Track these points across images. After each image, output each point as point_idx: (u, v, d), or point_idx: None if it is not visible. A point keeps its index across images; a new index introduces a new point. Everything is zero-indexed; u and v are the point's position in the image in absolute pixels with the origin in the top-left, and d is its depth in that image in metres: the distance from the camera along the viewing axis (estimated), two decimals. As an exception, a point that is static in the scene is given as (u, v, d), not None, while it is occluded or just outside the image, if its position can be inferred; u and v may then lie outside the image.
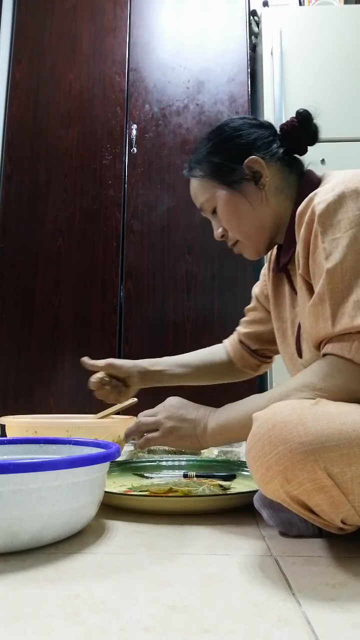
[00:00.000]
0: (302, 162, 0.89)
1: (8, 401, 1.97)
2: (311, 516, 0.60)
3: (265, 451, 0.57)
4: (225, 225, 0.88)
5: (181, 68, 2.20)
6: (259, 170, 0.83)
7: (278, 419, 0.57)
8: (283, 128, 0.86)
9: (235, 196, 0.83)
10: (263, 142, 0.84)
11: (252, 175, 0.83)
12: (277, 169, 0.84)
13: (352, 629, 0.43)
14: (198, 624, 0.43)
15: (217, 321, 2.00)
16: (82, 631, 0.42)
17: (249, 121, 0.87)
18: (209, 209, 0.89)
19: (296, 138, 0.85)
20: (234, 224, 0.86)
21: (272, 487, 0.58)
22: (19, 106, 2.19)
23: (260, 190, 0.83)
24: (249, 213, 0.84)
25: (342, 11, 2.18)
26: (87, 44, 2.23)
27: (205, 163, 0.86)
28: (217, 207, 0.87)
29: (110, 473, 1.00)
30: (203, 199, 0.88)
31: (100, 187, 2.11)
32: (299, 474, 0.55)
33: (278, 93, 2.01)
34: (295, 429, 0.55)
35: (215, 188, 0.85)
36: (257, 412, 0.63)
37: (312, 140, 0.86)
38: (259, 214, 0.84)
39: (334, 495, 0.55)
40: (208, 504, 0.81)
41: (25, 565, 0.57)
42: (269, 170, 0.83)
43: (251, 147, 0.83)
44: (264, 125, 0.87)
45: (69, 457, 0.62)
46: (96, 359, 1.10)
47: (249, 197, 0.83)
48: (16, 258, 2.07)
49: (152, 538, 0.68)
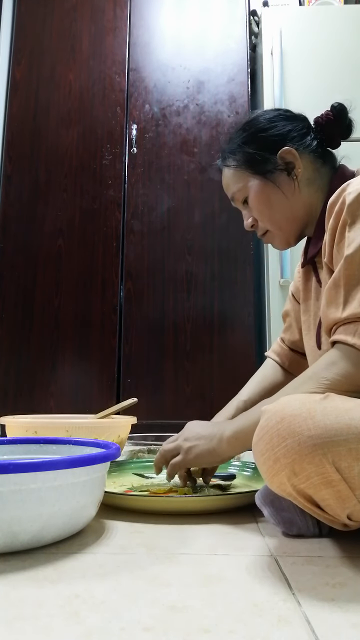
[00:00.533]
0: (335, 156, 0.90)
1: (8, 401, 1.97)
2: (317, 511, 0.60)
3: (273, 443, 0.57)
4: (256, 214, 0.89)
5: (181, 68, 2.20)
6: (292, 160, 0.84)
7: (287, 412, 0.57)
8: (318, 121, 0.88)
9: (267, 186, 0.85)
10: (297, 134, 0.86)
11: (285, 166, 0.85)
12: (310, 160, 0.86)
13: (352, 629, 0.43)
14: (198, 624, 0.43)
15: (217, 321, 2.00)
16: (82, 631, 0.42)
17: (283, 113, 0.89)
18: (240, 199, 0.90)
19: (330, 131, 0.86)
20: (265, 214, 0.87)
21: (278, 480, 0.58)
22: (19, 106, 2.19)
23: (293, 180, 0.85)
24: (281, 203, 0.85)
25: (342, 11, 2.17)
26: (87, 44, 2.23)
27: (239, 153, 0.87)
28: (248, 197, 0.88)
29: (110, 473, 1.00)
30: (235, 189, 0.89)
31: (100, 187, 2.11)
32: (307, 467, 0.55)
33: (278, 93, 2.01)
34: (304, 423, 0.55)
35: (248, 177, 0.87)
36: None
37: (346, 133, 0.87)
38: (291, 204, 0.85)
39: (341, 489, 0.55)
40: (208, 504, 0.81)
41: (25, 565, 0.57)
42: (302, 162, 0.85)
43: (285, 138, 0.85)
44: (298, 118, 0.89)
45: (69, 457, 0.62)
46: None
47: (282, 187, 0.85)
48: (16, 258, 2.07)
49: (152, 538, 0.68)
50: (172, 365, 1.96)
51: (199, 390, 1.95)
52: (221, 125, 2.15)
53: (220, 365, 1.96)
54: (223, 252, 2.05)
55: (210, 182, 2.10)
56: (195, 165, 2.11)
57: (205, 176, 2.11)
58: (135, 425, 1.34)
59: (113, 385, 1.96)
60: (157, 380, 1.96)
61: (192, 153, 2.13)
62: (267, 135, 0.86)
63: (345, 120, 0.86)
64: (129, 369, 1.97)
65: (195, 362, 1.96)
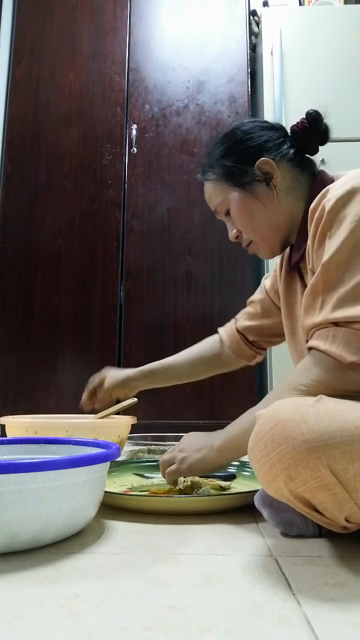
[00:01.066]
0: (314, 163, 0.90)
1: (8, 401, 1.97)
2: (315, 515, 0.60)
3: (268, 449, 0.57)
4: (239, 226, 0.89)
5: (181, 68, 2.20)
6: (269, 171, 0.85)
7: (280, 417, 0.57)
8: (294, 129, 0.88)
9: (247, 197, 0.86)
10: (274, 144, 0.86)
11: (263, 177, 0.85)
12: (288, 169, 0.86)
13: (352, 629, 0.43)
14: (198, 624, 0.43)
15: (217, 321, 1.99)
16: (82, 631, 0.42)
17: (259, 124, 0.90)
18: (222, 211, 0.91)
19: (307, 138, 0.87)
20: (247, 225, 0.88)
21: (275, 485, 0.58)
22: (19, 106, 2.19)
23: (272, 190, 0.85)
24: (261, 213, 0.86)
25: (342, 11, 2.18)
26: (87, 44, 2.23)
27: (218, 166, 0.88)
28: (230, 209, 0.89)
29: (110, 473, 1.00)
30: (217, 202, 0.90)
31: (100, 187, 2.11)
32: (303, 471, 0.55)
33: (278, 93, 2.01)
34: (298, 427, 0.55)
35: (228, 190, 0.88)
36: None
37: (322, 140, 0.87)
38: (272, 214, 0.86)
39: (337, 493, 0.55)
40: (208, 504, 0.81)
41: (25, 565, 0.57)
42: (280, 171, 0.85)
43: (262, 149, 0.86)
44: (274, 127, 0.90)
45: (69, 457, 0.62)
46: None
47: (261, 197, 0.85)
48: (16, 258, 2.08)
49: (152, 538, 0.68)
50: (172, 365, 1.96)
51: (199, 390, 1.95)
52: (221, 125, 2.15)
53: (220, 365, 1.96)
54: (223, 252, 2.05)
55: (210, 182, 2.10)
56: (195, 165, 2.11)
57: (205, 176, 2.11)
58: (135, 425, 1.34)
59: (113, 385, 1.96)
60: (157, 380, 1.95)
61: (192, 153, 2.13)
62: (244, 147, 0.87)
63: (321, 127, 0.86)
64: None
65: (195, 362, 1.96)
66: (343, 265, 0.64)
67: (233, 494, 0.85)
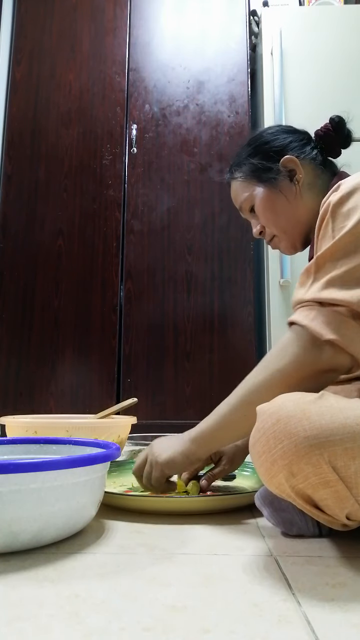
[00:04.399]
0: (335, 164, 0.96)
1: (8, 401, 1.97)
2: (316, 512, 0.60)
3: (270, 445, 0.57)
4: (263, 220, 0.94)
5: (181, 68, 2.20)
6: (293, 168, 0.90)
7: (282, 414, 0.57)
8: (318, 133, 0.94)
9: (271, 192, 0.91)
10: (298, 144, 0.92)
11: (287, 173, 0.90)
12: (311, 168, 0.91)
13: (352, 628, 0.43)
14: (198, 624, 0.43)
15: (217, 321, 2.00)
16: (82, 631, 0.42)
17: (285, 128, 0.97)
18: (247, 208, 0.95)
19: (330, 142, 0.93)
20: (270, 218, 0.93)
21: (277, 482, 0.59)
22: (19, 106, 2.19)
23: (295, 185, 0.90)
24: (284, 207, 0.91)
25: (342, 11, 2.17)
26: (87, 44, 2.23)
27: (245, 165, 0.94)
28: (255, 204, 0.93)
29: (110, 473, 1.00)
30: (242, 198, 0.95)
31: (100, 187, 2.11)
32: (304, 467, 0.55)
33: (278, 93, 2.01)
34: (300, 423, 0.55)
35: (253, 187, 0.93)
36: (235, 403, 0.71)
37: (345, 143, 0.94)
38: (294, 208, 0.90)
39: (338, 489, 0.55)
40: (208, 504, 0.81)
41: (25, 565, 0.57)
42: (303, 169, 0.90)
43: (286, 148, 0.92)
44: (299, 131, 0.96)
45: (69, 457, 0.62)
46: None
47: (284, 192, 0.90)
48: (16, 258, 2.08)
49: (152, 538, 0.68)
50: (172, 365, 1.96)
51: (199, 390, 1.95)
52: (221, 125, 2.15)
53: (220, 365, 1.96)
54: (223, 252, 2.05)
55: (210, 182, 2.10)
56: (195, 165, 2.11)
57: (205, 176, 2.11)
58: (135, 425, 1.34)
59: (113, 385, 1.96)
60: (157, 380, 1.96)
61: (192, 153, 2.13)
62: (270, 147, 0.92)
63: (344, 131, 0.92)
64: (129, 369, 1.97)
65: (195, 362, 1.96)
66: (340, 252, 0.66)
67: (233, 494, 0.85)
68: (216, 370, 1.96)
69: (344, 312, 0.64)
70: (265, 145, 0.93)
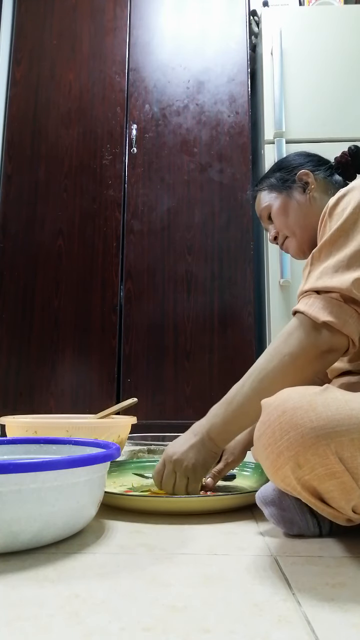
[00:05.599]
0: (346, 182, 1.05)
1: (8, 401, 1.97)
2: (321, 506, 0.60)
3: (276, 437, 0.58)
4: (276, 223, 1.03)
5: (181, 68, 2.20)
6: (307, 180, 1.00)
7: (288, 406, 0.58)
8: (337, 159, 1.04)
9: (285, 199, 1.01)
10: (314, 163, 1.04)
11: (301, 184, 1.01)
12: (324, 182, 1.02)
13: (352, 628, 0.43)
14: (198, 624, 0.43)
15: (217, 321, 2.00)
16: (82, 631, 0.42)
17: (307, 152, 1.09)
18: (265, 215, 1.05)
19: (347, 167, 1.03)
20: (282, 221, 1.02)
21: (282, 474, 0.59)
22: (19, 106, 2.19)
23: (307, 194, 1.00)
24: (295, 212, 1.00)
25: (342, 11, 2.17)
26: (87, 44, 2.23)
27: (267, 179, 1.06)
28: (271, 211, 1.03)
29: (110, 473, 1.00)
30: (262, 206, 1.05)
31: (100, 187, 2.11)
32: (311, 458, 0.55)
33: (278, 93, 2.01)
34: (306, 415, 0.56)
35: (272, 196, 1.04)
36: (248, 392, 0.75)
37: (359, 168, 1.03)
38: (305, 213, 0.99)
39: (345, 481, 0.56)
40: (208, 504, 0.81)
41: (25, 565, 0.57)
42: (316, 182, 1.00)
43: (303, 165, 1.03)
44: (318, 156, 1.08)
45: (69, 457, 0.62)
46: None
47: (297, 199, 1.01)
48: (16, 258, 2.08)
49: (152, 538, 0.68)
50: (172, 365, 1.96)
51: (199, 390, 1.95)
52: (221, 125, 2.15)
53: (220, 365, 1.96)
54: (223, 252, 2.05)
55: (210, 182, 2.10)
56: (195, 165, 2.11)
57: (205, 176, 2.11)
58: (135, 425, 1.34)
59: (113, 385, 1.96)
60: (157, 380, 1.96)
61: (192, 153, 2.13)
62: (289, 164, 1.05)
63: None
64: (129, 369, 1.97)
65: (195, 362, 1.96)
66: (333, 245, 0.74)
67: (233, 493, 0.85)
68: (216, 370, 1.96)
69: (337, 297, 0.71)
70: (286, 163, 1.06)
